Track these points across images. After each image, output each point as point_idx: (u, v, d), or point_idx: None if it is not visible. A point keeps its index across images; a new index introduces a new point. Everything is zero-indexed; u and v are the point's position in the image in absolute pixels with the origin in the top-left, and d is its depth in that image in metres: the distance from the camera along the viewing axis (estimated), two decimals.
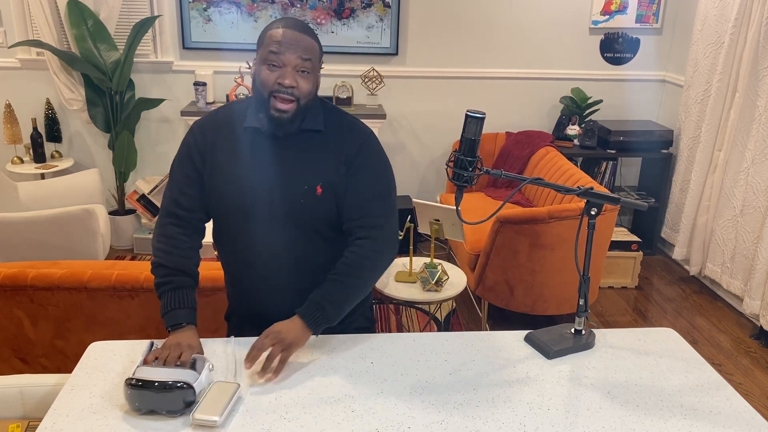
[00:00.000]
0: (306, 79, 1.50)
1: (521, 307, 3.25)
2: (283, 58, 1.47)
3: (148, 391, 1.30)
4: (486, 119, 1.48)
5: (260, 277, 1.65)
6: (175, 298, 1.57)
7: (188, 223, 1.62)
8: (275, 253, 1.61)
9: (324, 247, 1.64)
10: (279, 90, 1.48)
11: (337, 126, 1.61)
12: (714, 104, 3.81)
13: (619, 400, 1.43)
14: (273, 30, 1.49)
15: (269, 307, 1.68)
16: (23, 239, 3.11)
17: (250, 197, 1.57)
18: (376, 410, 1.37)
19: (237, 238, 1.63)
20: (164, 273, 1.59)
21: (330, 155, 1.59)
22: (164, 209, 1.62)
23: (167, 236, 1.61)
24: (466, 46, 4.38)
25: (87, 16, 3.88)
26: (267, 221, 1.58)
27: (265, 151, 1.57)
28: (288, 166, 1.57)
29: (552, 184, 1.54)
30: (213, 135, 1.60)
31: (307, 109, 1.55)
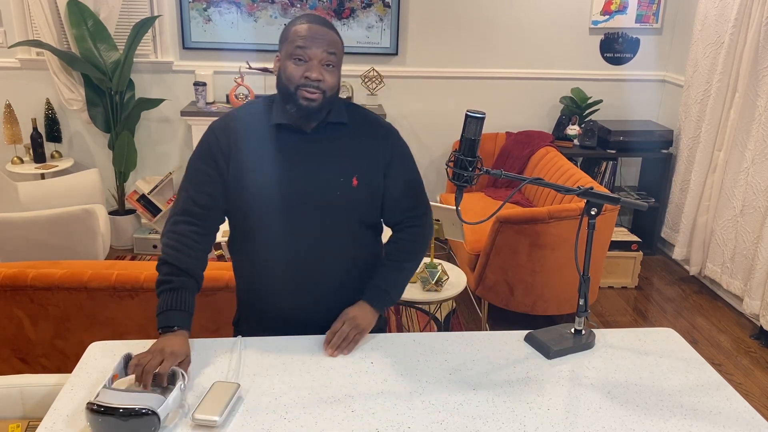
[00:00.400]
0: (331, 73, 1.53)
1: (521, 307, 3.25)
2: (310, 53, 1.50)
3: (110, 417, 1.22)
4: (486, 119, 1.49)
5: (287, 274, 1.64)
6: (173, 298, 1.53)
7: (203, 222, 1.59)
8: (305, 250, 1.62)
9: (352, 243, 1.66)
10: (306, 84, 1.51)
11: (361, 119, 1.65)
12: (714, 104, 3.81)
13: (619, 400, 1.43)
14: (298, 25, 1.52)
15: (293, 306, 1.67)
16: (23, 239, 3.11)
17: (284, 192, 1.57)
18: (376, 410, 1.37)
19: (265, 236, 1.61)
20: (167, 271, 1.56)
21: (362, 148, 1.62)
22: (178, 207, 1.60)
23: (178, 233, 1.58)
24: (466, 46, 4.38)
25: (87, 16, 3.88)
26: (301, 216, 1.59)
27: (296, 146, 1.59)
28: (321, 159, 1.59)
29: (552, 184, 1.54)
30: (236, 134, 1.59)
31: (332, 102, 1.57)
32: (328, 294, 1.66)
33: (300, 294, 1.66)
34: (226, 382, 1.39)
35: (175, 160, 4.42)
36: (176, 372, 1.39)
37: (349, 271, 1.68)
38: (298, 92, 1.52)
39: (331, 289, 1.66)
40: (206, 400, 1.32)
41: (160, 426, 1.25)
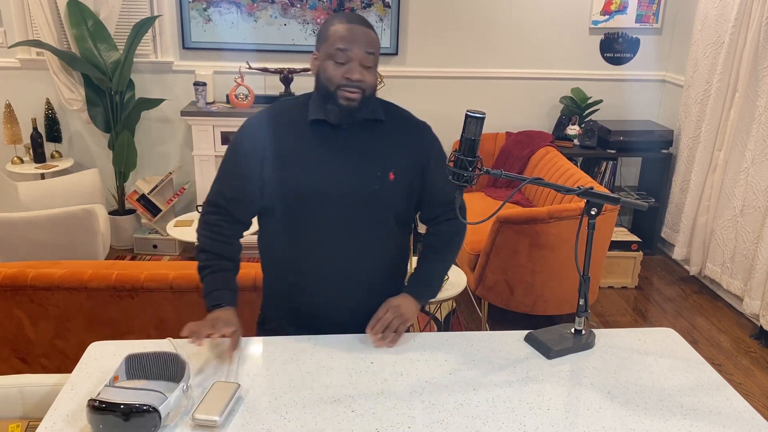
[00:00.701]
0: (370, 72, 1.56)
1: (521, 307, 3.25)
2: (350, 54, 1.53)
3: (111, 414, 1.22)
4: (486, 119, 1.49)
5: (321, 270, 1.66)
6: (216, 280, 1.62)
7: (229, 213, 1.65)
8: (340, 245, 1.64)
9: (386, 240, 1.69)
10: (346, 84, 1.54)
11: (398, 116, 1.69)
12: (714, 104, 3.81)
13: (619, 400, 1.43)
14: (337, 25, 1.54)
15: (325, 302, 1.70)
16: (23, 239, 3.11)
17: (321, 187, 1.60)
18: (376, 410, 1.37)
19: (300, 232, 1.64)
20: (206, 258, 1.64)
21: (398, 144, 1.65)
22: (208, 201, 1.68)
23: (209, 223, 1.66)
24: (466, 46, 4.38)
25: (87, 16, 3.88)
26: (337, 210, 1.62)
27: (333, 142, 1.62)
28: (358, 154, 1.62)
29: (552, 184, 1.54)
30: (273, 130, 1.63)
31: (371, 100, 1.60)
32: (360, 290, 1.69)
33: (332, 290, 1.68)
34: (226, 382, 1.39)
35: (175, 160, 4.42)
36: (182, 370, 1.39)
37: (381, 268, 1.71)
38: (338, 92, 1.55)
39: (363, 285, 1.69)
40: (206, 400, 1.32)
41: (161, 424, 1.25)
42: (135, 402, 1.24)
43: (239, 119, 3.99)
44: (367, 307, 1.69)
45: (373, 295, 1.71)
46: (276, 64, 4.22)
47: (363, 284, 1.69)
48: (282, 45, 4.22)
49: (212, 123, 3.98)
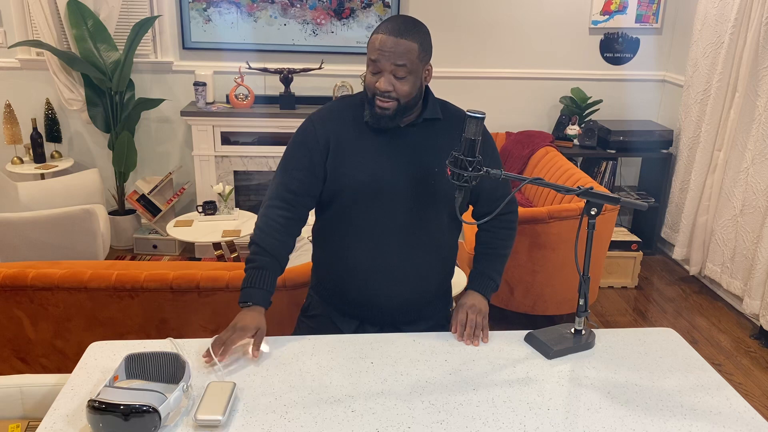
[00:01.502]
0: (403, 82, 1.58)
1: (521, 307, 3.25)
2: (380, 65, 1.58)
3: (111, 414, 1.23)
4: (486, 119, 1.49)
5: (375, 262, 1.71)
6: (255, 276, 1.65)
7: (293, 206, 1.69)
8: (395, 239, 1.69)
9: (439, 237, 1.74)
10: (378, 93, 1.60)
11: (454, 115, 1.73)
12: (714, 104, 3.81)
13: (619, 400, 1.43)
14: (375, 35, 1.59)
15: (375, 294, 1.74)
16: (23, 239, 3.11)
17: (379, 182, 1.65)
18: (376, 410, 1.37)
19: (357, 225, 1.69)
20: (254, 250, 1.68)
21: (455, 141, 1.67)
22: (272, 192, 1.71)
23: (268, 216, 1.70)
24: (466, 46, 4.38)
25: (87, 16, 3.88)
26: (396, 203, 1.67)
27: (392, 139, 1.67)
28: (416, 151, 1.68)
29: (552, 184, 1.54)
30: (335, 125, 1.68)
31: (411, 105, 1.64)
32: (409, 284, 1.74)
33: (382, 282, 1.73)
34: (221, 382, 1.39)
35: (175, 160, 4.42)
36: (182, 370, 1.39)
37: (432, 263, 1.76)
38: (374, 100, 1.61)
39: (412, 279, 1.74)
40: (206, 401, 1.32)
41: (161, 425, 1.25)
42: (135, 402, 1.24)
43: (239, 119, 3.99)
44: (414, 300, 1.77)
45: (422, 289, 1.77)
46: (276, 64, 4.22)
47: (412, 278, 1.74)
48: (282, 45, 4.22)
49: (212, 123, 3.99)
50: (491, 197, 1.79)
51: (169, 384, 1.42)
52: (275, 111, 4.02)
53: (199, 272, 2.13)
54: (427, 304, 1.82)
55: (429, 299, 1.82)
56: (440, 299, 1.86)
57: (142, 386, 1.40)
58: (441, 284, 1.83)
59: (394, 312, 1.77)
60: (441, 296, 1.86)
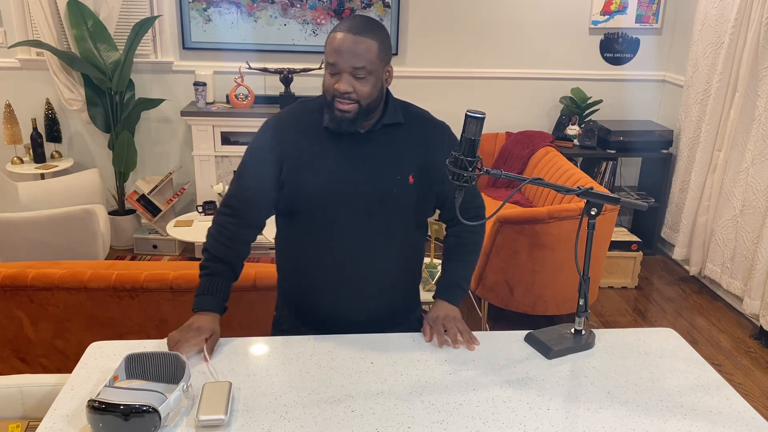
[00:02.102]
0: (363, 82, 1.53)
1: (521, 307, 3.25)
2: (339, 66, 1.52)
3: (111, 414, 1.22)
4: (486, 119, 1.49)
5: (339, 272, 1.66)
6: (207, 284, 1.64)
7: (243, 214, 1.66)
8: (359, 248, 1.65)
9: (404, 243, 1.70)
10: (338, 95, 1.54)
11: (416, 118, 1.69)
12: (714, 104, 3.81)
13: (619, 400, 1.43)
14: (332, 34, 1.53)
15: (341, 304, 1.70)
16: (23, 239, 3.11)
17: (341, 191, 1.60)
18: (376, 410, 1.37)
19: (319, 235, 1.64)
20: (207, 257, 1.67)
21: (418, 146, 1.65)
22: (224, 199, 1.70)
23: (218, 224, 1.68)
24: (466, 46, 4.38)
25: (87, 16, 3.88)
26: (357, 214, 1.62)
27: (351, 147, 1.61)
28: (377, 158, 1.62)
29: (552, 184, 1.54)
30: (292, 132, 1.62)
31: (372, 108, 1.58)
32: (375, 292, 1.70)
33: (348, 292, 1.69)
34: (217, 382, 1.38)
35: (175, 160, 4.42)
36: (182, 370, 1.38)
37: (397, 270, 1.72)
38: (334, 103, 1.55)
39: (378, 287, 1.70)
40: (205, 401, 1.32)
41: (161, 425, 1.25)
42: (134, 402, 1.23)
43: (239, 119, 3.99)
44: (382, 309, 1.72)
45: (389, 297, 1.73)
46: (276, 64, 4.22)
47: (379, 286, 1.70)
48: (282, 45, 4.22)
49: (212, 123, 3.98)
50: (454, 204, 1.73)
51: (169, 384, 1.42)
52: (275, 111, 4.01)
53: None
54: (395, 313, 1.77)
55: (397, 308, 1.77)
56: (409, 304, 1.82)
57: (142, 386, 1.40)
58: (409, 290, 1.79)
59: (363, 323, 1.71)
60: (410, 301, 1.82)
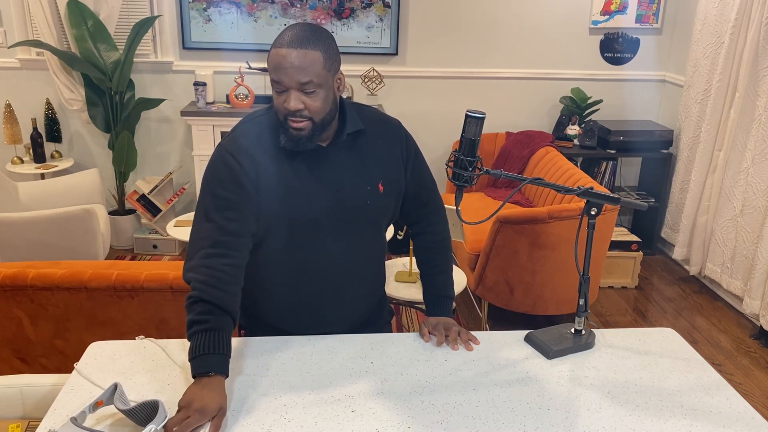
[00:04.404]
0: (314, 97, 1.44)
1: (521, 307, 3.25)
2: (284, 83, 1.42)
3: None
4: (486, 119, 1.48)
5: (313, 289, 1.62)
6: (209, 340, 1.38)
7: (236, 251, 1.47)
8: (333, 263, 1.60)
9: (374, 248, 1.69)
10: (289, 114, 1.45)
11: (374, 121, 1.62)
12: (714, 104, 3.81)
13: (619, 400, 1.43)
14: (273, 50, 1.43)
15: (316, 320, 1.67)
16: (23, 239, 3.11)
17: (312, 211, 1.53)
18: (376, 410, 1.37)
19: (297, 256, 1.57)
20: (203, 310, 1.41)
21: (382, 152, 1.62)
22: (206, 238, 1.46)
23: (212, 268, 1.43)
24: (466, 46, 4.38)
25: (87, 16, 3.88)
26: (330, 229, 1.56)
27: (317, 163, 1.53)
28: (344, 171, 1.56)
29: (552, 184, 1.54)
30: (254, 156, 1.50)
31: (328, 121, 1.49)
32: (355, 296, 1.69)
33: (327, 308, 1.66)
34: None
35: (175, 160, 4.42)
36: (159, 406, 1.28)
37: (372, 269, 1.71)
38: (287, 122, 1.46)
39: (357, 290, 1.69)
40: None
41: None
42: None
43: (239, 119, 3.98)
44: (358, 316, 1.73)
45: (363, 307, 1.74)
46: None
47: (357, 289, 1.69)
48: None
49: (212, 123, 3.99)
50: (415, 203, 1.70)
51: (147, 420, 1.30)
52: None
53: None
54: (371, 313, 1.78)
55: (369, 314, 1.77)
56: (380, 306, 1.83)
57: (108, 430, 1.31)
58: (380, 289, 1.79)
59: (346, 330, 1.70)
60: (380, 304, 1.82)
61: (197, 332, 1.39)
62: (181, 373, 1.47)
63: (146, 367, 1.49)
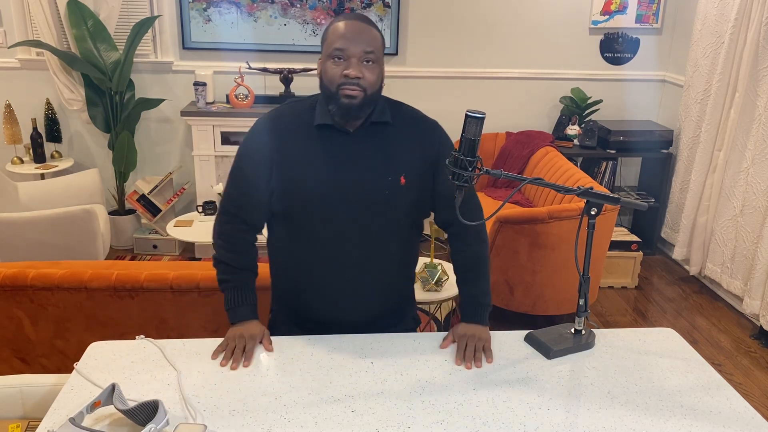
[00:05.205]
0: (371, 70, 1.55)
1: (521, 307, 3.25)
2: (348, 51, 1.51)
3: None
4: (486, 119, 1.48)
5: (333, 274, 1.65)
6: (237, 296, 1.65)
7: (242, 219, 1.65)
8: (352, 250, 1.63)
9: (398, 243, 1.68)
10: (345, 82, 1.52)
11: (405, 117, 1.67)
12: (714, 104, 3.81)
13: (619, 400, 1.43)
14: (335, 25, 1.54)
15: (336, 306, 1.69)
16: (23, 239, 3.11)
17: (331, 193, 1.58)
18: (376, 410, 1.37)
19: (311, 237, 1.62)
20: (225, 270, 1.67)
21: (408, 146, 1.63)
22: (222, 207, 1.68)
23: (224, 233, 1.67)
24: (466, 46, 4.38)
25: (87, 16, 3.88)
26: (348, 216, 1.60)
27: (341, 147, 1.60)
28: (367, 159, 1.60)
29: (552, 184, 1.54)
30: (281, 135, 1.60)
31: (374, 100, 1.58)
32: (369, 294, 1.69)
33: (342, 294, 1.67)
34: (191, 424, 1.29)
35: (175, 160, 4.42)
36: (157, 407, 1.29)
37: (391, 271, 1.70)
38: (339, 91, 1.53)
39: (372, 288, 1.68)
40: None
41: None
42: None
43: (239, 119, 3.99)
44: (377, 310, 1.71)
45: (383, 298, 1.72)
46: (276, 64, 4.22)
47: (372, 287, 1.68)
48: (282, 45, 4.22)
49: (212, 123, 3.98)
50: (450, 205, 1.66)
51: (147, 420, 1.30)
52: None
53: (199, 272, 2.13)
54: (391, 313, 1.77)
55: (393, 308, 1.77)
56: (404, 305, 1.82)
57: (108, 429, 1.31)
58: (404, 290, 1.79)
59: (359, 324, 1.70)
60: (405, 302, 1.81)
61: (225, 289, 1.67)
62: (179, 374, 1.47)
63: (146, 367, 1.49)
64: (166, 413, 1.29)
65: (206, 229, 3.55)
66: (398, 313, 1.79)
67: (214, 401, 1.38)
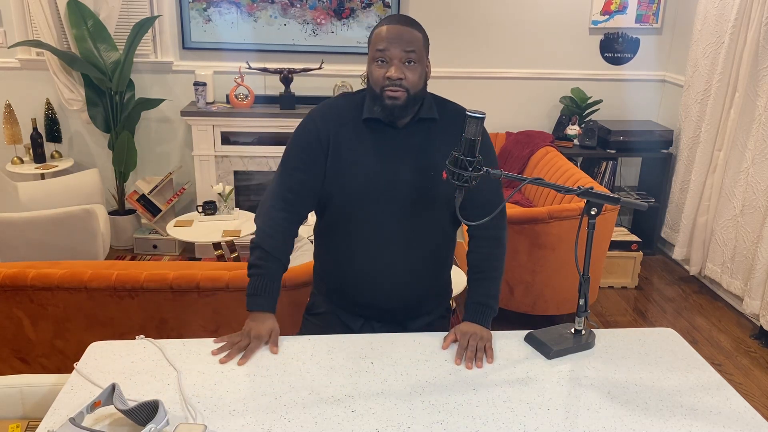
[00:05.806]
0: (412, 70, 1.59)
1: (521, 307, 3.25)
2: (389, 54, 1.58)
3: None
4: (486, 119, 1.49)
5: (375, 263, 1.72)
6: (261, 284, 1.67)
7: (294, 207, 1.69)
8: (394, 241, 1.70)
9: (439, 236, 1.75)
10: (388, 84, 1.58)
11: (451, 113, 1.72)
12: (714, 104, 3.81)
13: (619, 400, 1.43)
14: (378, 28, 1.61)
15: (376, 294, 1.76)
16: (23, 239, 3.11)
17: (378, 184, 1.65)
18: (376, 410, 1.37)
19: (356, 226, 1.70)
20: (259, 255, 1.68)
21: (451, 141, 1.67)
22: (273, 192, 1.70)
23: (271, 218, 1.69)
24: (466, 46, 4.38)
25: (87, 16, 3.88)
26: (392, 208, 1.67)
27: (389, 140, 1.67)
28: (413, 153, 1.67)
29: (552, 184, 1.54)
30: (335, 124, 1.67)
31: (418, 98, 1.64)
32: (408, 281, 1.75)
33: (383, 280, 1.74)
34: (191, 424, 1.29)
35: (175, 160, 4.42)
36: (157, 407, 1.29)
37: (430, 260, 1.76)
38: (383, 93, 1.60)
39: (411, 276, 1.75)
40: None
41: None
42: None
43: (239, 119, 3.99)
44: (416, 297, 1.79)
45: (423, 286, 1.79)
46: (276, 64, 4.22)
47: (413, 277, 1.75)
48: (282, 45, 4.22)
49: (212, 123, 3.99)
50: (475, 203, 1.71)
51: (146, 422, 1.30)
52: (275, 111, 4.02)
53: (199, 272, 2.13)
54: (428, 300, 1.84)
55: (430, 295, 1.83)
56: (440, 293, 1.88)
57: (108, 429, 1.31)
58: (441, 279, 1.85)
59: (397, 310, 1.79)
60: (441, 290, 1.88)
61: (253, 275, 1.68)
62: (178, 374, 1.47)
63: (146, 367, 1.49)
64: (166, 413, 1.29)
65: (206, 229, 3.55)
66: (434, 301, 1.86)
67: (214, 401, 1.38)
